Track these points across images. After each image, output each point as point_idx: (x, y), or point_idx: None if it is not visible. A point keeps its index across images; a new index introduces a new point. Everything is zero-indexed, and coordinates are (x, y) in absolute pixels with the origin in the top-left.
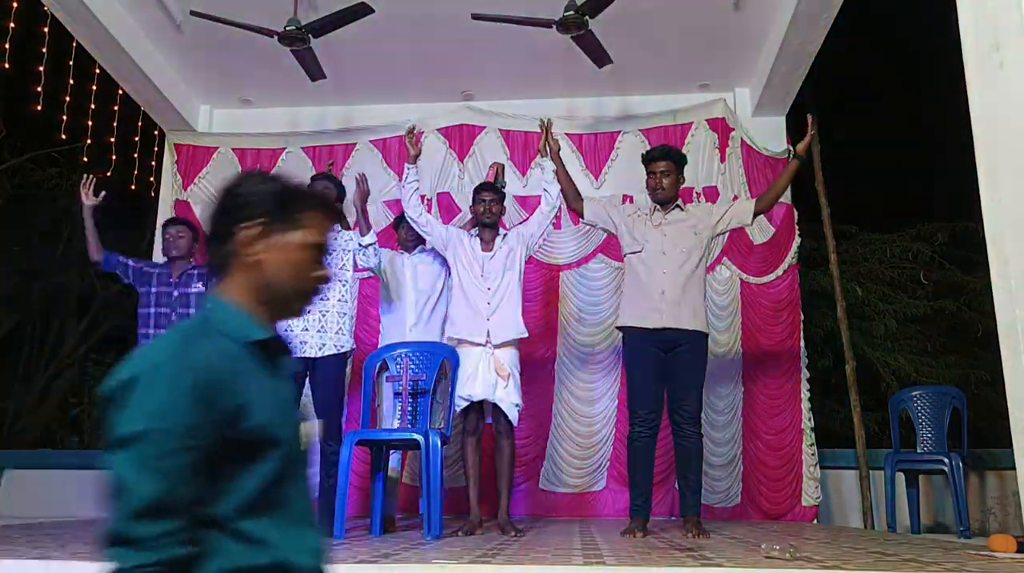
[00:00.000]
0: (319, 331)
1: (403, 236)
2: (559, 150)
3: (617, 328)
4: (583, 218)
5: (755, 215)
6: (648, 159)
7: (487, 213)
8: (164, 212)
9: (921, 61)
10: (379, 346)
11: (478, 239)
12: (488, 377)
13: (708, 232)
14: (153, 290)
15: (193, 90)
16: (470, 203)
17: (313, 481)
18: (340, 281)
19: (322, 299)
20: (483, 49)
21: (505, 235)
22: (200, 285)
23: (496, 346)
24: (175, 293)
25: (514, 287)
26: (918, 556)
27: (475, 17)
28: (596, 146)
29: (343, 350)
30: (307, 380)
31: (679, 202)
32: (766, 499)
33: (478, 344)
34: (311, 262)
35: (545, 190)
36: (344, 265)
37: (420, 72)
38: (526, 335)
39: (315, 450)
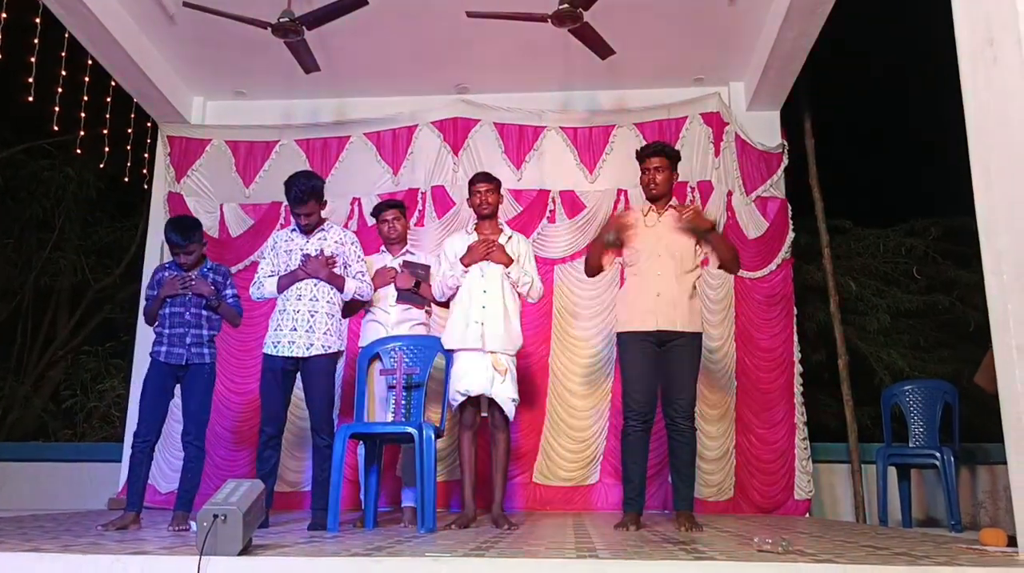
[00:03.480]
0: (307, 331)
1: (384, 230)
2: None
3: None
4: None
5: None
6: (642, 155)
7: (483, 204)
8: (157, 204)
9: (916, 56)
10: (359, 344)
11: (477, 235)
12: (485, 372)
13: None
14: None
15: (186, 82)
16: (466, 197)
17: None
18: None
19: (312, 300)
20: (478, 42)
21: (511, 238)
22: (210, 282)
23: (491, 351)
24: (188, 293)
25: (511, 295)
26: (909, 550)
27: (470, 15)
28: (591, 140)
29: (331, 351)
30: (298, 377)
31: (673, 201)
32: (759, 493)
33: (474, 350)
34: None
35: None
36: (339, 268)
37: (414, 65)
38: (520, 345)
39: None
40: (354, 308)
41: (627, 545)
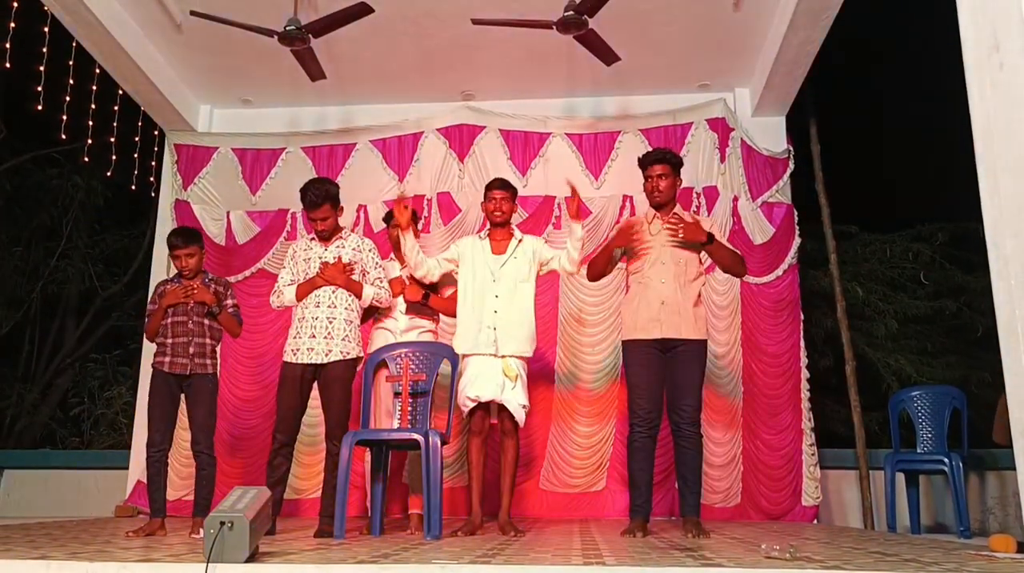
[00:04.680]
0: (326, 338)
1: (395, 236)
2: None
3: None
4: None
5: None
6: (644, 163)
7: (497, 211)
8: (164, 211)
9: (921, 61)
10: (367, 350)
11: (489, 241)
12: (496, 378)
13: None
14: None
15: (193, 90)
16: (475, 199)
17: None
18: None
19: (331, 307)
20: (483, 49)
21: (521, 241)
22: (212, 292)
23: (503, 356)
24: (190, 302)
25: (525, 299)
26: (918, 556)
27: (475, 22)
28: (596, 146)
29: (350, 357)
30: (315, 384)
31: (677, 208)
32: (766, 499)
33: (485, 354)
34: None
35: (570, 254)
36: (356, 275)
37: (420, 72)
38: (529, 354)
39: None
40: (365, 315)
41: (634, 552)
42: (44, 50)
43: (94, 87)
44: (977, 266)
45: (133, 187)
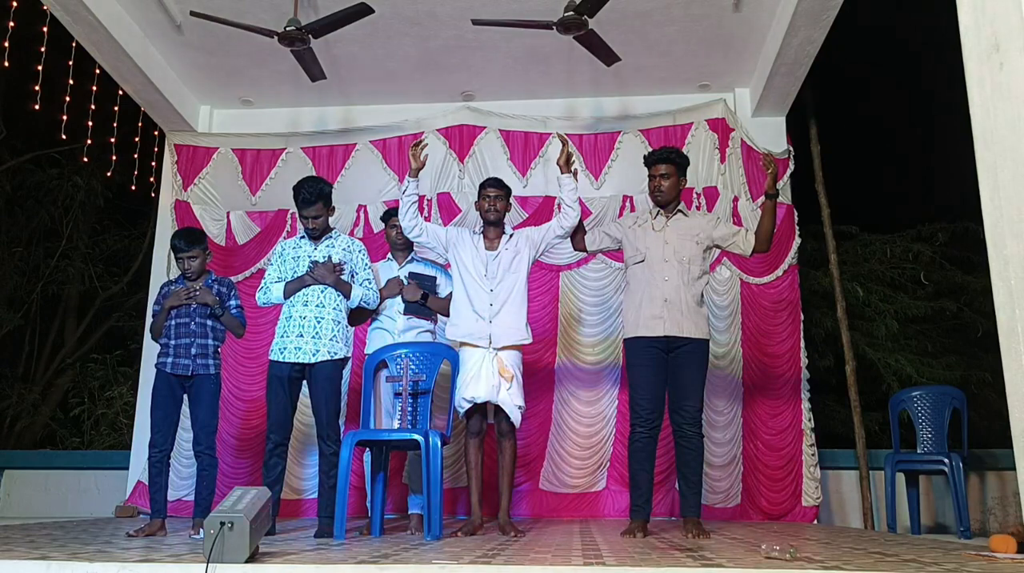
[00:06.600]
0: (314, 338)
1: (392, 236)
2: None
3: (624, 340)
4: (587, 251)
5: (753, 253)
6: (649, 162)
7: (492, 210)
8: (164, 212)
9: (921, 61)
10: (365, 351)
11: (482, 237)
12: (491, 379)
13: (708, 242)
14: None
15: (193, 90)
16: (475, 200)
17: None
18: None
19: (319, 306)
20: (483, 49)
21: (511, 236)
22: (215, 293)
23: (498, 349)
24: (193, 303)
25: (519, 290)
26: (918, 556)
27: (476, 23)
28: (596, 146)
29: (337, 357)
30: (304, 383)
31: (681, 206)
32: (766, 499)
33: (480, 346)
34: None
35: (568, 206)
36: (346, 275)
37: (420, 72)
38: (529, 341)
39: None
40: (361, 317)
41: (634, 552)
42: (43, 50)
43: (94, 87)
44: (977, 266)
45: (133, 187)
